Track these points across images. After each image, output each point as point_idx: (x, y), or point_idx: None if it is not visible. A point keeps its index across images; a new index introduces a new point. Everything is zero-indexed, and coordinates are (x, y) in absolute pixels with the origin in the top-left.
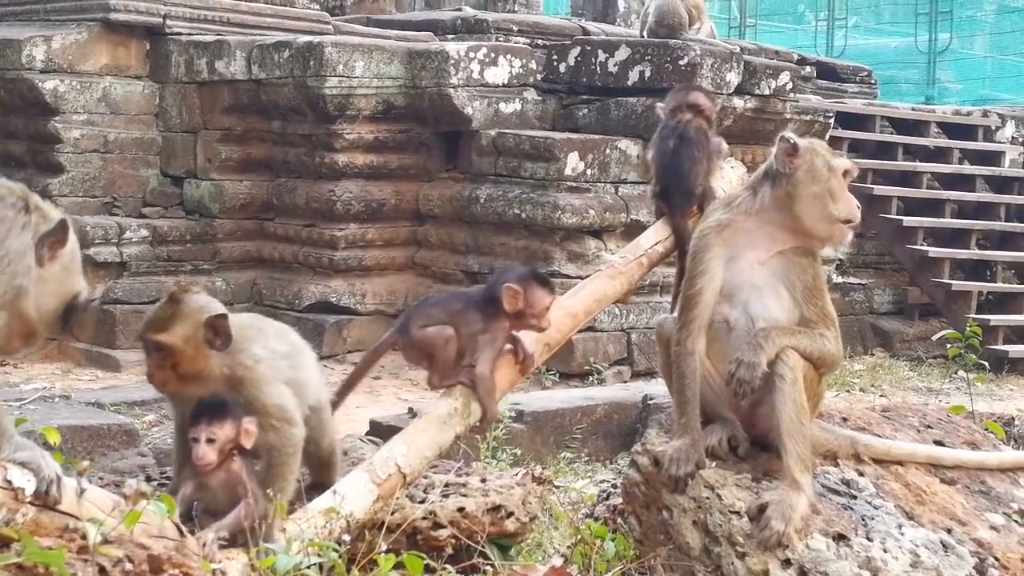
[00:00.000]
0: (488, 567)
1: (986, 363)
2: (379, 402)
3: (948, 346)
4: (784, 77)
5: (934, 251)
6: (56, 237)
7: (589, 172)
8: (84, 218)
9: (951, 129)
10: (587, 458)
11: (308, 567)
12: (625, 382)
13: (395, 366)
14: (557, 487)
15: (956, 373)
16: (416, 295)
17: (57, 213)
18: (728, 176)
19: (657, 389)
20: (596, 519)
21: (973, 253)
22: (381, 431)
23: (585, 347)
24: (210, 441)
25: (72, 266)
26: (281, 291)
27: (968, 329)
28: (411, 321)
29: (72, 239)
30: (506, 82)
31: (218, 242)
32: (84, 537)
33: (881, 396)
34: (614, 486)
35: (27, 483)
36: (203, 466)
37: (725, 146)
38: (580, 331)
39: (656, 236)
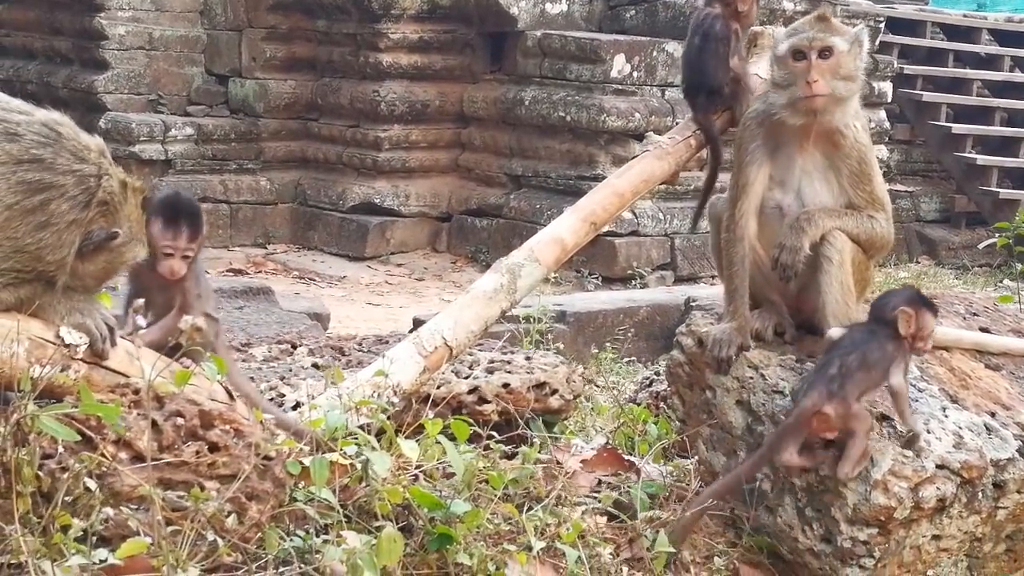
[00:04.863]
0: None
1: None
2: (422, 303)
3: (998, 236)
4: None
5: (982, 159)
6: (97, 245)
7: (635, 75)
8: (130, 115)
9: (1003, 36)
10: (629, 359)
11: (358, 427)
12: (668, 286)
13: (438, 268)
14: (599, 387)
15: (1001, 281)
16: (459, 198)
17: (127, 213)
18: None
19: (700, 292)
20: (638, 404)
21: (1021, 162)
22: None
23: (628, 251)
24: None
25: (115, 266)
26: (325, 191)
27: (1019, 218)
28: (846, 386)
29: (123, 248)
30: None
31: (262, 141)
32: (136, 392)
33: None
34: (657, 373)
35: (79, 340)
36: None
37: (770, 31)
38: (623, 235)
39: (689, 129)
